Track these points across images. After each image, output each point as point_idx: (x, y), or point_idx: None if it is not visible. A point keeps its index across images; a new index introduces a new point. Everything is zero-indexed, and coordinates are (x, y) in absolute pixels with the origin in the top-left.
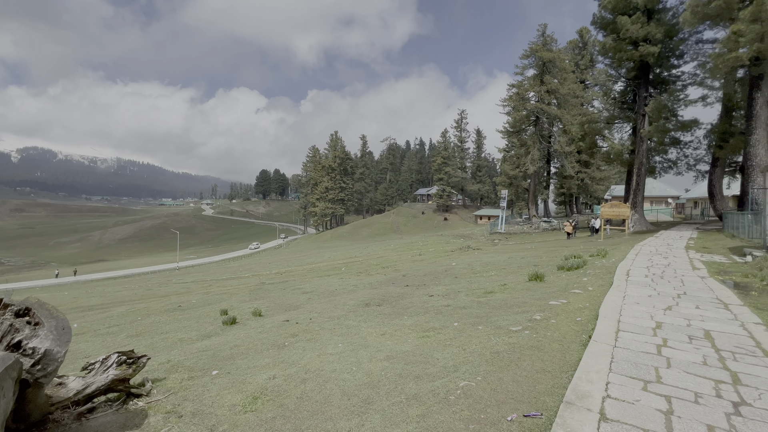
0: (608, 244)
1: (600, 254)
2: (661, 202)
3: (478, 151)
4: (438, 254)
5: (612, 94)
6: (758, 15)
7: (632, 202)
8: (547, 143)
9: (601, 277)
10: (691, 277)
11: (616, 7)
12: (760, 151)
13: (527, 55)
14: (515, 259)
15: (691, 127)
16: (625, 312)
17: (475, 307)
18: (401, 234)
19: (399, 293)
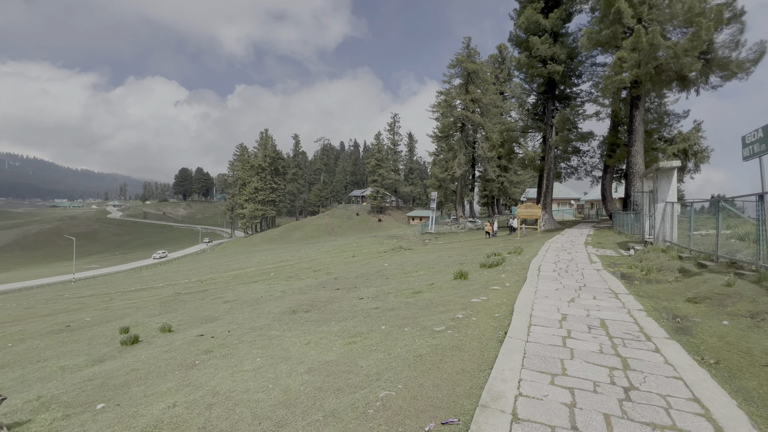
0: (524, 241)
1: (516, 251)
2: (566, 203)
3: (411, 154)
4: (371, 255)
5: (526, 106)
6: (637, 45)
7: (543, 203)
8: (472, 149)
9: (517, 273)
10: (590, 270)
11: (528, 28)
12: (639, 160)
13: (454, 65)
14: (443, 258)
15: (588, 139)
16: (536, 306)
17: (403, 308)
18: (336, 236)
19: (329, 297)
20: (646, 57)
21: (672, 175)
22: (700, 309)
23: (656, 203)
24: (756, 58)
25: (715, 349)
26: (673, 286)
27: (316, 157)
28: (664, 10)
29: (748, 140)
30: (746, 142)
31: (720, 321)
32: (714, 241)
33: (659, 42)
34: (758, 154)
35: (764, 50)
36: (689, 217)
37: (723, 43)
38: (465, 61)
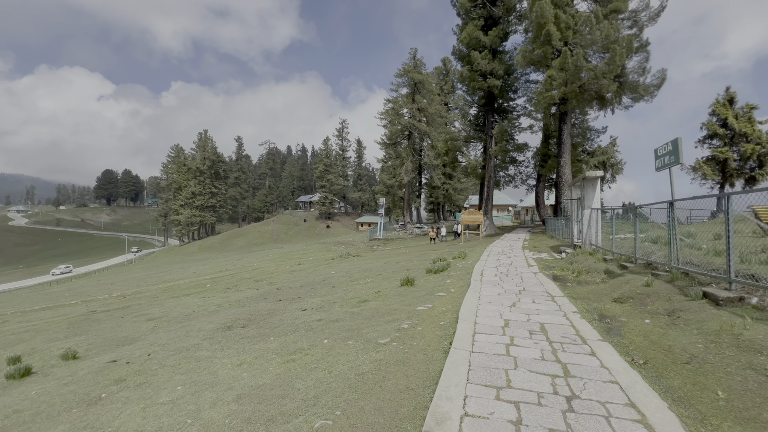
0: (467, 246)
1: (461, 256)
2: (505, 209)
3: (359, 161)
4: (318, 263)
5: (468, 117)
6: (564, 65)
7: (484, 210)
8: (419, 156)
9: (461, 278)
10: (528, 274)
11: (470, 43)
12: (567, 170)
13: (401, 75)
14: (391, 264)
15: (524, 149)
16: (480, 312)
17: (348, 320)
18: (282, 243)
19: (269, 310)
20: (572, 77)
21: (596, 183)
22: (625, 309)
23: (583, 210)
24: (658, 84)
25: (641, 348)
26: (600, 287)
27: (261, 160)
28: (586, 36)
29: (659, 153)
30: (658, 154)
31: (642, 320)
32: (632, 245)
33: (582, 64)
34: (668, 165)
35: (665, 77)
36: (611, 222)
37: (633, 69)
38: (411, 72)
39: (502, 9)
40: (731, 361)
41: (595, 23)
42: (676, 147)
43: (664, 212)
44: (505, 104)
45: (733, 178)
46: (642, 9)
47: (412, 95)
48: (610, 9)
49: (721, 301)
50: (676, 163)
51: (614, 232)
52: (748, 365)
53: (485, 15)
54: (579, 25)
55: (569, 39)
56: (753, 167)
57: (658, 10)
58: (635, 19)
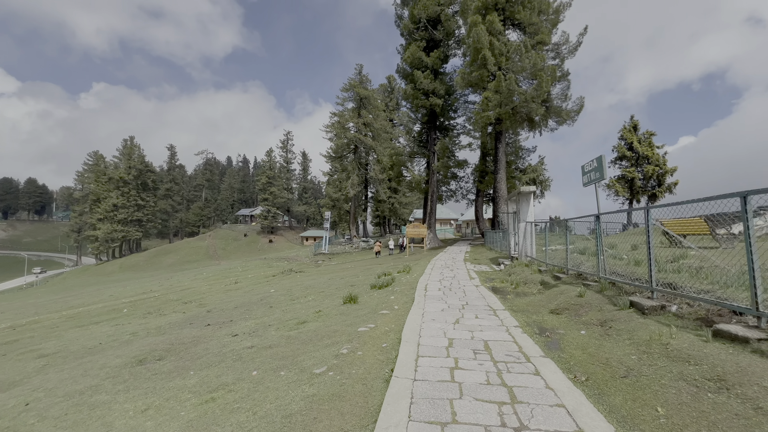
0: (412, 259)
1: (405, 270)
2: (447, 223)
3: (305, 173)
4: (257, 280)
5: (412, 134)
6: (498, 88)
7: (428, 223)
8: (365, 170)
9: (405, 293)
10: (470, 287)
11: (413, 62)
12: (502, 186)
13: (347, 89)
14: (335, 280)
15: (464, 166)
16: (424, 332)
17: (283, 345)
18: (219, 259)
19: (195, 337)
20: (506, 99)
21: (530, 198)
22: (561, 320)
23: (519, 223)
24: (578, 109)
25: (582, 363)
26: (537, 299)
27: (197, 171)
28: (517, 63)
29: (586, 169)
30: (585, 170)
31: (579, 331)
32: (563, 256)
33: (515, 88)
34: (594, 181)
35: (582, 104)
36: (543, 235)
37: (557, 95)
38: (357, 87)
39: (443, 33)
40: (664, 373)
41: (525, 52)
42: (600, 164)
43: (586, 225)
44: (447, 122)
45: (639, 195)
46: (563, 43)
47: (358, 110)
48: (536, 40)
49: (646, 310)
50: (601, 179)
51: (547, 244)
52: (680, 376)
53: (427, 37)
54: (511, 53)
55: (502, 64)
56: (654, 185)
57: (575, 45)
58: (557, 51)
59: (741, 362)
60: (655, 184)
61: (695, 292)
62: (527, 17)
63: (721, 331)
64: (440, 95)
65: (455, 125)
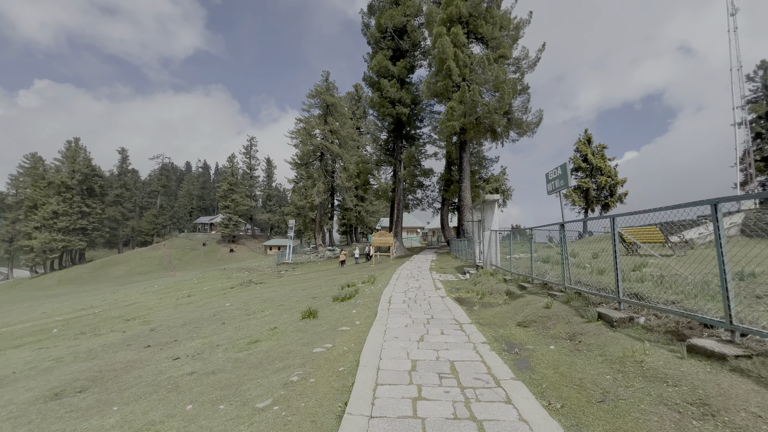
0: (378, 269)
1: (370, 281)
2: (413, 231)
3: (269, 180)
4: (213, 293)
5: (379, 142)
6: (463, 98)
7: (394, 232)
8: (331, 178)
9: (368, 306)
10: (436, 298)
11: (380, 71)
12: (467, 195)
13: (313, 96)
14: (296, 291)
15: (429, 174)
16: (385, 353)
17: (228, 370)
18: (174, 270)
19: (129, 361)
20: (470, 109)
21: (494, 206)
22: (530, 334)
23: (484, 231)
24: (537, 122)
25: (554, 385)
26: (504, 310)
27: (152, 177)
28: (480, 75)
29: (550, 177)
30: (549, 178)
31: (548, 346)
32: (528, 265)
33: (478, 99)
34: (558, 189)
35: (541, 116)
36: (508, 243)
37: (518, 108)
38: (324, 93)
39: (409, 43)
40: (643, 396)
41: (488, 64)
42: (564, 171)
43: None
44: (413, 132)
45: (593, 204)
46: (523, 57)
47: (325, 117)
48: (498, 54)
49: (615, 322)
50: (565, 187)
51: (512, 253)
52: (660, 400)
53: (393, 47)
54: (474, 65)
55: (466, 76)
56: (606, 195)
57: (534, 60)
58: (518, 65)
59: (722, 383)
60: (607, 194)
61: (663, 303)
62: (489, 32)
63: (695, 347)
64: (406, 104)
65: (421, 134)
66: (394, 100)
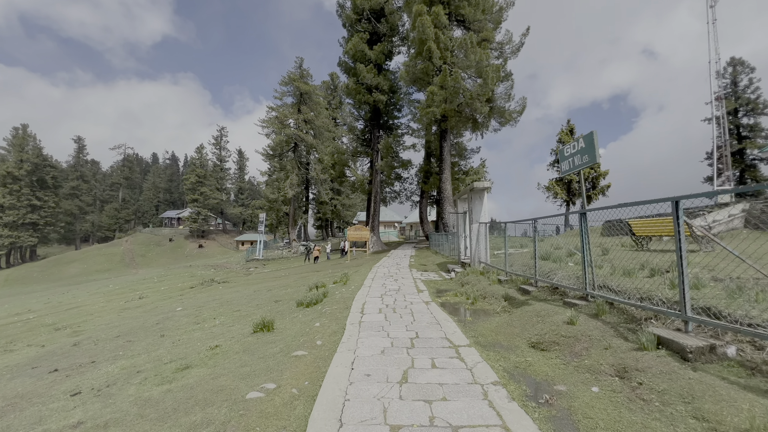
0: (353, 265)
1: (342, 280)
2: (391, 225)
3: (241, 173)
4: (169, 294)
5: (355, 132)
6: (444, 83)
7: (371, 226)
8: (306, 170)
9: (336, 317)
10: (419, 305)
11: (356, 55)
12: (448, 186)
13: (286, 83)
14: (261, 292)
15: (408, 166)
16: (349, 407)
17: (127, 423)
18: (137, 267)
19: (14, 397)
20: (451, 95)
21: (483, 196)
22: (554, 365)
23: (471, 224)
24: (520, 110)
25: None
26: (505, 321)
27: (114, 168)
28: (462, 59)
29: (567, 152)
30: (565, 154)
31: (589, 388)
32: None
33: (460, 84)
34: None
35: (525, 104)
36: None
37: (500, 95)
38: (297, 81)
39: (387, 27)
40: None
41: (470, 47)
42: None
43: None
44: (390, 121)
45: (575, 197)
46: (506, 42)
47: (298, 105)
48: (481, 38)
49: (690, 353)
50: (591, 162)
51: (507, 249)
52: None
53: (370, 29)
54: (456, 48)
55: (448, 59)
56: (588, 188)
57: (518, 45)
58: (501, 51)
59: None
60: (589, 186)
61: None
62: (471, 14)
63: None
64: (384, 91)
65: (399, 125)
66: (371, 86)
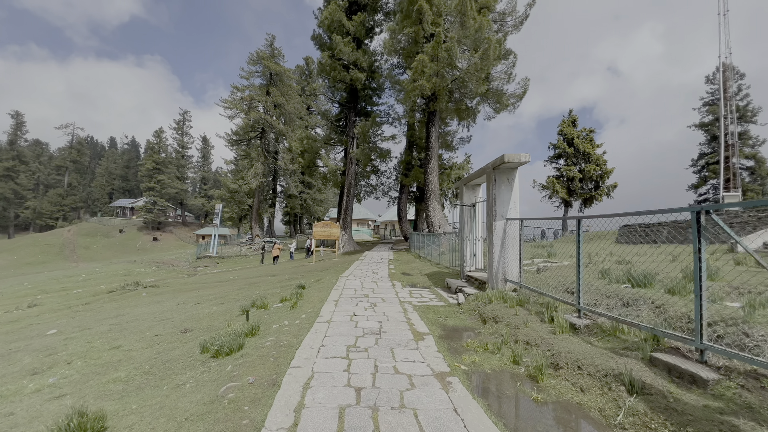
0: (317, 270)
1: (293, 299)
2: (365, 224)
3: (204, 162)
4: (74, 301)
5: (329, 117)
6: (436, 52)
7: (343, 222)
8: (274, 159)
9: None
10: (430, 391)
11: (332, 26)
12: (434, 178)
13: (255, 62)
14: (185, 307)
15: (386, 157)
16: None
17: None
18: (77, 261)
19: None
20: (444, 67)
21: (515, 177)
22: None
23: (494, 220)
24: (521, 93)
25: None
26: None
27: (62, 150)
28: (459, 29)
29: None
30: None
31: None
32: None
33: (455, 53)
34: None
35: (527, 87)
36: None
37: (499, 75)
38: (267, 59)
39: None
40: None
41: (469, 11)
42: None
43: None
44: (369, 108)
45: (576, 197)
46: (509, 12)
47: (267, 87)
48: (480, 5)
49: None
50: None
51: (581, 265)
52: None
53: None
54: (452, 12)
55: (441, 26)
56: (591, 188)
57: (522, 17)
58: (502, 23)
59: None
60: (591, 186)
61: None
62: None
63: None
64: (363, 69)
65: (379, 112)
66: (349, 63)
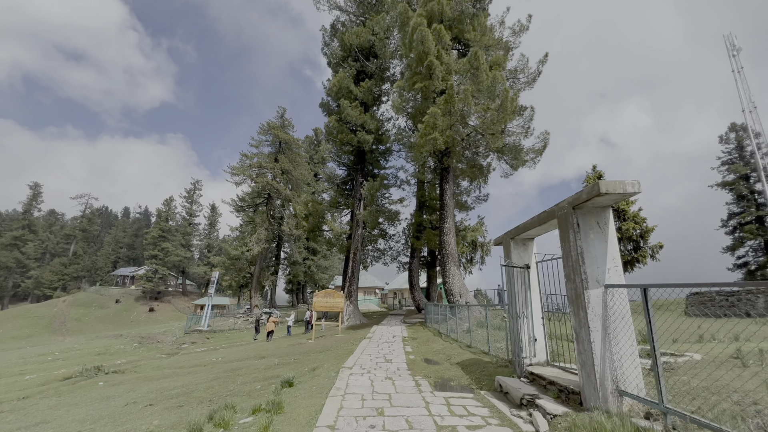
0: (314, 351)
1: (270, 410)
2: (372, 292)
3: (211, 229)
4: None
5: (336, 180)
6: (450, 104)
7: (348, 291)
8: (278, 224)
9: None
10: None
11: (339, 92)
12: (451, 240)
13: (265, 131)
14: (122, 417)
15: (395, 220)
16: None
17: None
18: (65, 335)
19: None
20: (458, 121)
21: (607, 219)
22: None
23: (586, 288)
24: (541, 148)
25: None
26: None
27: (74, 220)
28: (471, 83)
29: None
30: None
31: None
32: None
33: (470, 103)
34: None
35: (548, 140)
36: None
37: (514, 129)
38: (277, 129)
39: (376, 65)
40: None
41: (481, 66)
42: None
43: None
44: (376, 170)
45: None
46: (521, 69)
47: (276, 155)
48: (490, 63)
49: None
50: None
51: None
52: None
53: (358, 68)
54: (462, 71)
55: (451, 81)
56: (630, 249)
57: (535, 73)
58: (514, 79)
59: None
60: (632, 248)
61: None
62: (477, 38)
63: None
64: (370, 131)
65: (386, 174)
66: (356, 125)
